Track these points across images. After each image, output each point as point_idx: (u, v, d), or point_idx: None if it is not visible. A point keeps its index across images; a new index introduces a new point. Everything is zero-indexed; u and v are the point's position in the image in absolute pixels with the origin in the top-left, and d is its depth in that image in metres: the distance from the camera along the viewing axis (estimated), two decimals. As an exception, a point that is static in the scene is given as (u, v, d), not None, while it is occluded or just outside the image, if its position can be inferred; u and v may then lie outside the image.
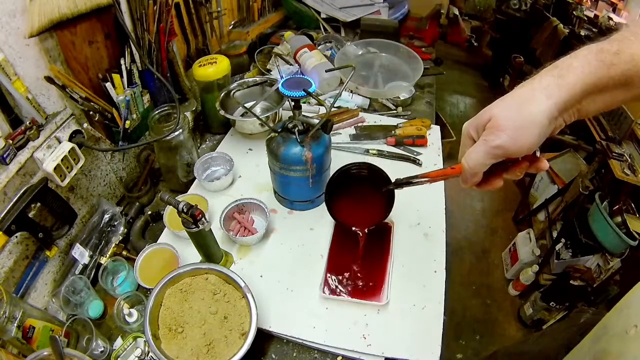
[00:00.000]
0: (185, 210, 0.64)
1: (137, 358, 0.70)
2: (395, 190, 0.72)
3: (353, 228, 0.78)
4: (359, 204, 0.82)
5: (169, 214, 0.88)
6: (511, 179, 0.46)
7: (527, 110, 0.39)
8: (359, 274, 0.81)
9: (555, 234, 1.82)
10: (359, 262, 0.83)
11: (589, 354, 0.69)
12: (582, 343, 0.75)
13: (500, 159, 0.42)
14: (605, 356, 0.62)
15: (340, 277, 0.80)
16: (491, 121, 0.41)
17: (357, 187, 0.81)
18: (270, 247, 0.87)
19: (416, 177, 0.56)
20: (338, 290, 0.78)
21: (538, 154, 0.43)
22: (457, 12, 1.86)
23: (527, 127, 0.39)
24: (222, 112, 1.02)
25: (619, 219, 1.52)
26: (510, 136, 0.39)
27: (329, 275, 0.80)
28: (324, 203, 0.95)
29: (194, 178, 0.99)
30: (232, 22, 1.45)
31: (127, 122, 0.88)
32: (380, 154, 1.09)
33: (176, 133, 0.88)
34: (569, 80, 0.39)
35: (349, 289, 0.79)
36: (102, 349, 0.70)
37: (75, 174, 0.76)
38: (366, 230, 0.77)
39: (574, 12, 2.62)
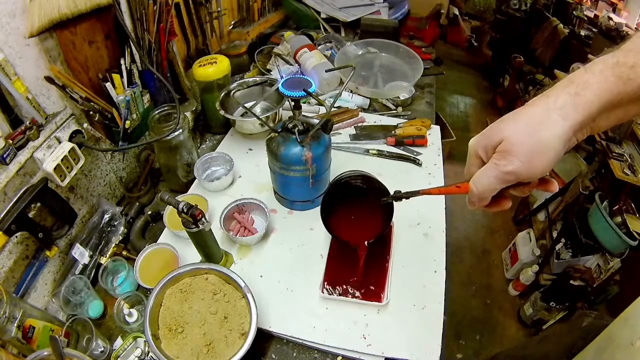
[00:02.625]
0: (185, 210, 0.64)
1: (137, 358, 0.70)
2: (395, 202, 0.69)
3: (352, 243, 0.77)
4: (357, 217, 0.80)
5: (169, 214, 0.88)
6: (518, 195, 0.44)
7: (542, 134, 0.37)
8: (359, 274, 0.81)
9: (555, 234, 1.82)
10: (359, 262, 0.83)
11: None
12: (585, 351, 0.74)
13: (511, 184, 0.41)
14: None
15: (340, 277, 0.80)
16: (503, 144, 0.39)
17: (353, 200, 0.79)
18: (270, 247, 0.87)
19: (417, 192, 0.55)
20: (338, 290, 0.78)
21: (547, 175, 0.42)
22: (457, 12, 1.87)
23: (542, 152, 0.37)
24: (222, 112, 1.02)
25: (619, 219, 1.52)
26: (523, 162, 0.38)
27: (328, 275, 0.80)
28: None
29: (194, 178, 0.99)
30: (232, 22, 1.45)
31: (127, 122, 0.88)
32: (380, 154, 1.09)
33: (176, 133, 0.88)
34: (586, 98, 0.37)
35: (349, 289, 0.78)
36: (102, 349, 0.70)
37: (75, 174, 0.76)
38: (366, 243, 0.76)
39: (574, 12, 2.62)
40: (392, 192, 0.61)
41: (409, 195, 0.57)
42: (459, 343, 1.75)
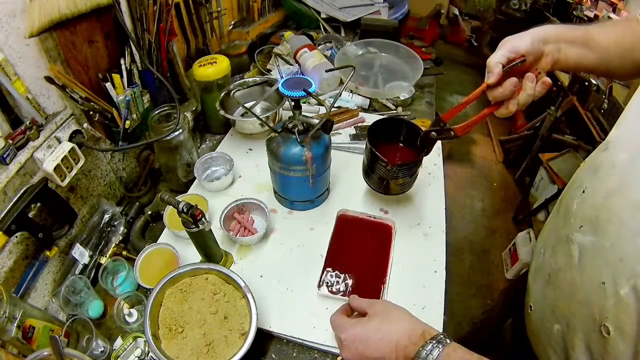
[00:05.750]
0: (185, 210, 0.64)
1: (137, 358, 0.70)
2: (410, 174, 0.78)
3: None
4: (395, 149, 0.85)
5: (169, 214, 0.88)
6: (524, 100, 0.59)
7: (522, 33, 0.60)
8: (358, 274, 0.81)
9: (555, 234, 1.81)
10: (359, 262, 0.83)
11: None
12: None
13: (511, 53, 0.58)
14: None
15: (340, 277, 0.80)
16: (502, 41, 0.61)
17: (390, 146, 0.84)
18: (270, 247, 0.87)
19: (448, 129, 0.65)
20: (337, 290, 0.78)
21: (540, 73, 0.60)
22: (457, 12, 1.86)
23: (523, 35, 0.60)
24: (222, 112, 1.02)
25: (618, 219, 1.52)
26: (513, 39, 0.60)
27: (327, 274, 0.80)
28: (324, 203, 0.96)
29: (194, 178, 0.99)
30: (232, 22, 1.45)
31: (127, 122, 0.88)
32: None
33: (176, 133, 0.88)
34: (545, 27, 0.61)
35: (349, 289, 0.78)
36: (102, 349, 0.70)
37: (75, 174, 0.76)
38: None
39: (574, 12, 2.61)
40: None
41: (440, 132, 0.66)
42: (459, 343, 1.75)
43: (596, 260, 0.47)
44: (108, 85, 0.83)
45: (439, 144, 1.14)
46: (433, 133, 0.67)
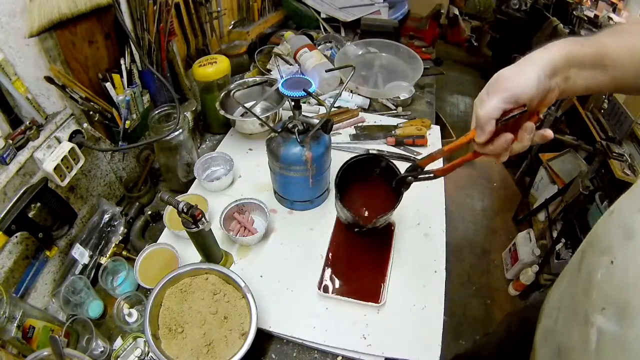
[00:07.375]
0: (185, 210, 0.64)
1: (137, 358, 0.70)
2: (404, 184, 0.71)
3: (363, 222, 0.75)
4: (369, 195, 0.80)
5: (169, 214, 0.88)
6: (518, 150, 0.50)
7: (524, 65, 0.48)
8: (359, 274, 0.81)
9: (555, 234, 1.82)
10: (359, 261, 0.83)
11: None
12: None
13: (509, 104, 0.47)
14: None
15: (340, 277, 0.80)
16: (496, 76, 0.49)
17: (366, 179, 0.79)
18: (270, 247, 0.87)
19: (425, 172, 0.60)
20: (337, 289, 0.78)
21: (541, 115, 0.51)
22: (457, 12, 1.87)
23: (526, 71, 0.47)
24: (222, 112, 1.02)
25: (618, 219, 1.52)
26: (513, 80, 0.47)
27: (327, 274, 0.80)
28: (324, 203, 0.96)
29: (194, 178, 0.99)
30: (232, 22, 1.45)
31: (127, 122, 0.88)
32: (381, 154, 1.09)
33: (176, 133, 0.88)
34: (552, 50, 0.48)
35: (349, 288, 0.78)
36: (102, 349, 0.70)
37: (75, 174, 0.76)
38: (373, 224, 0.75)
39: (574, 12, 2.61)
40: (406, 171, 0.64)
41: (416, 176, 0.61)
42: (459, 343, 1.75)
43: (617, 354, 0.40)
44: (108, 85, 0.83)
45: (439, 143, 1.14)
46: (410, 178, 0.64)
